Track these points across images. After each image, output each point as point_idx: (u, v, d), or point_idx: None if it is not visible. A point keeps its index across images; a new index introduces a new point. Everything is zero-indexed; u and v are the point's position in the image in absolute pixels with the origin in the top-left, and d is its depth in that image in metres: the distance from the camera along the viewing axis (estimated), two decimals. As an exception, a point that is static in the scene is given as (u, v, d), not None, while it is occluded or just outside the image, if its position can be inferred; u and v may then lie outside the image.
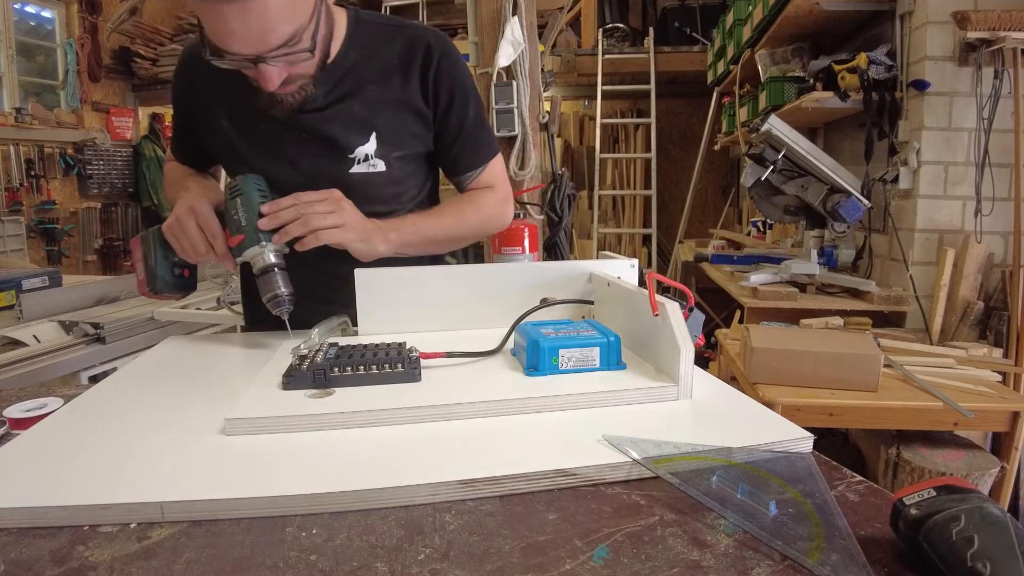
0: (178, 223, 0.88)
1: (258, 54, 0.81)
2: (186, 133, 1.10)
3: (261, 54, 0.81)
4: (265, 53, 0.81)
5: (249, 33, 0.78)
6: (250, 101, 0.93)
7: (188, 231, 0.88)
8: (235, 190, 0.88)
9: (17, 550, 0.45)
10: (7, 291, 2.53)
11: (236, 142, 1.01)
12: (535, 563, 0.43)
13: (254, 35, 0.79)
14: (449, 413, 0.64)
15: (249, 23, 0.77)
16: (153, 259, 0.94)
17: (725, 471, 0.54)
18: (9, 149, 5.13)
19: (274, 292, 0.86)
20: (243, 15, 0.76)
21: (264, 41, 0.79)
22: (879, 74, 2.40)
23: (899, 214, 2.42)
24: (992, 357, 2.00)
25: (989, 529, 0.39)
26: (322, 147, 0.99)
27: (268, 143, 0.99)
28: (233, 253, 0.89)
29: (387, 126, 1.01)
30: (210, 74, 0.94)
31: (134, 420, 0.66)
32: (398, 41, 1.00)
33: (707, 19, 5.26)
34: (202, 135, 1.06)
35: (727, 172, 5.95)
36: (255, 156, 1.00)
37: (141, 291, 0.96)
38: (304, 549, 0.45)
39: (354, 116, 0.99)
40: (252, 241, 0.86)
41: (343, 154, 0.99)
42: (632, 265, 0.96)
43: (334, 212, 0.87)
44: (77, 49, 5.66)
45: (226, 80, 0.93)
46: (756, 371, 1.71)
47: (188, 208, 0.88)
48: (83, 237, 5.91)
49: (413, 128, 1.03)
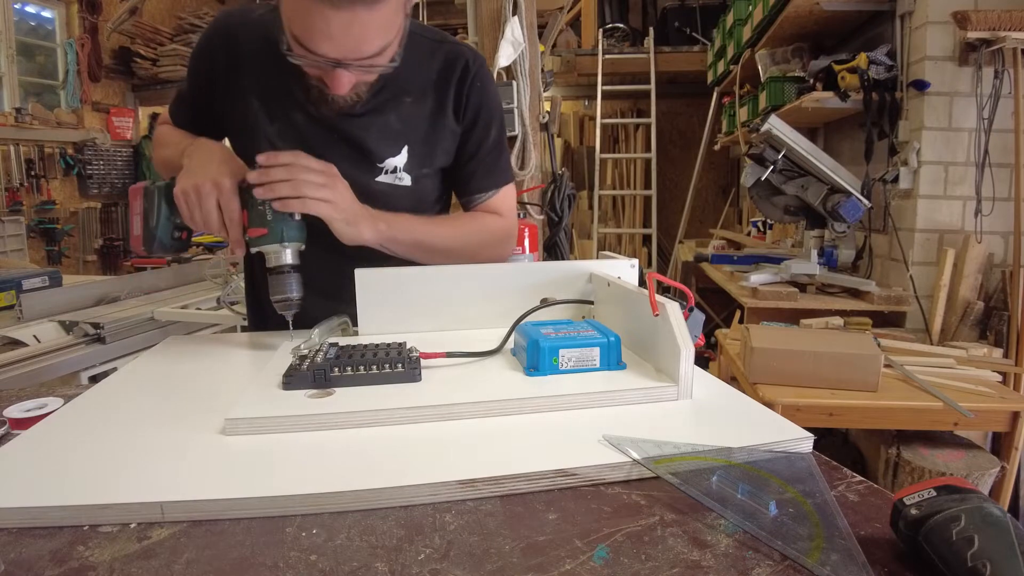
0: (196, 193, 0.84)
1: (346, 60, 0.81)
2: (198, 100, 1.05)
3: (348, 61, 0.81)
4: (352, 61, 0.81)
5: (347, 40, 0.79)
6: (288, 90, 0.93)
7: (205, 206, 0.84)
8: None
9: (17, 550, 0.45)
10: (7, 291, 2.53)
11: (264, 128, 0.98)
12: (535, 563, 0.43)
13: (351, 43, 0.79)
14: (449, 413, 0.64)
15: (351, 31, 0.78)
16: (155, 218, 0.88)
17: (725, 471, 0.54)
18: (9, 149, 5.13)
19: (287, 295, 0.85)
20: (348, 24, 0.77)
21: (357, 50, 0.80)
22: (879, 74, 2.40)
23: (899, 214, 2.42)
24: (992, 357, 2.00)
25: (989, 529, 0.39)
26: (352, 152, 0.98)
27: (299, 137, 0.98)
28: (248, 243, 0.86)
29: (420, 141, 1.01)
30: (250, 51, 0.94)
31: (134, 420, 0.66)
32: (438, 57, 1.01)
33: (707, 19, 5.26)
34: (221, 108, 1.02)
35: (727, 172, 5.95)
36: (282, 145, 0.97)
37: (134, 246, 0.90)
38: (304, 549, 0.45)
39: (389, 127, 0.99)
40: (274, 238, 0.84)
41: (372, 163, 1.00)
42: (632, 265, 0.96)
43: (326, 186, 0.86)
44: (77, 49, 5.66)
45: (266, 63, 0.93)
46: (756, 371, 1.71)
47: (213, 182, 0.84)
48: (83, 237, 5.92)
49: (445, 145, 1.04)
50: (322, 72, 0.85)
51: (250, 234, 0.85)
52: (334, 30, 0.77)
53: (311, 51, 0.80)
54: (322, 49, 0.79)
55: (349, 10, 0.75)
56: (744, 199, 5.02)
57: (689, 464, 0.55)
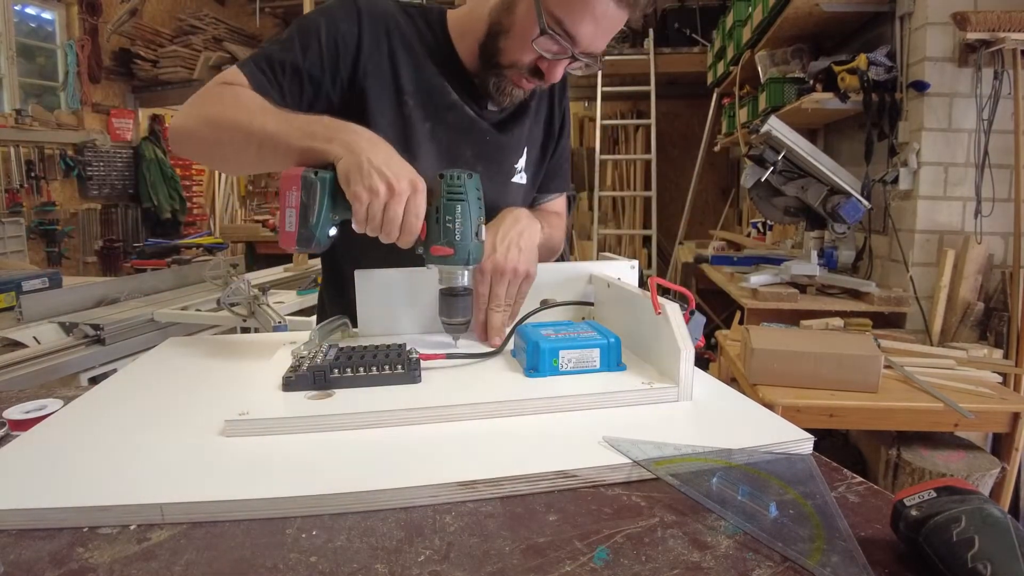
0: (389, 192, 0.70)
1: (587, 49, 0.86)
2: (318, 75, 0.90)
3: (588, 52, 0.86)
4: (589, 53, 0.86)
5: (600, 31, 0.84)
6: (443, 89, 0.96)
7: (394, 210, 0.70)
8: (457, 191, 0.74)
9: (16, 552, 0.45)
10: (7, 292, 2.53)
11: (417, 124, 0.95)
12: (535, 564, 0.43)
13: (602, 34, 0.85)
14: (449, 415, 0.64)
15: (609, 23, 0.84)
16: (316, 214, 0.73)
17: (725, 472, 0.54)
18: (9, 150, 5.14)
19: (465, 317, 0.81)
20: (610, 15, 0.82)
21: (601, 43, 0.86)
22: (879, 75, 2.40)
23: (899, 215, 2.42)
24: (992, 358, 2.00)
25: (990, 530, 0.39)
26: (497, 153, 1.02)
27: (453, 135, 0.98)
28: (424, 257, 0.77)
29: (536, 145, 1.08)
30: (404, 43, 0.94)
31: (134, 421, 0.66)
32: None
33: (707, 20, 5.26)
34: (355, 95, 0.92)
35: (727, 173, 5.95)
36: (434, 145, 0.96)
37: (286, 244, 0.75)
38: (304, 551, 0.45)
39: (522, 129, 1.04)
40: (459, 260, 0.75)
41: (512, 163, 1.04)
42: (632, 266, 0.96)
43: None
44: (77, 50, 5.67)
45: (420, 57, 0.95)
46: (756, 372, 1.71)
47: (410, 182, 0.71)
48: (83, 238, 5.92)
49: (546, 147, 1.11)
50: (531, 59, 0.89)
51: (433, 252, 0.75)
52: (599, 14, 0.82)
53: (567, 32, 0.83)
54: (581, 32, 0.83)
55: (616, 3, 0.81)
56: (744, 200, 5.02)
57: (689, 465, 0.55)
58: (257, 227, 6.52)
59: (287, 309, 2.43)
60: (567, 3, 0.81)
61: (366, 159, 0.70)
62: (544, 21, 0.82)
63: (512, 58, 0.90)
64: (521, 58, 0.89)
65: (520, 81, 0.92)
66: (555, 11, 0.82)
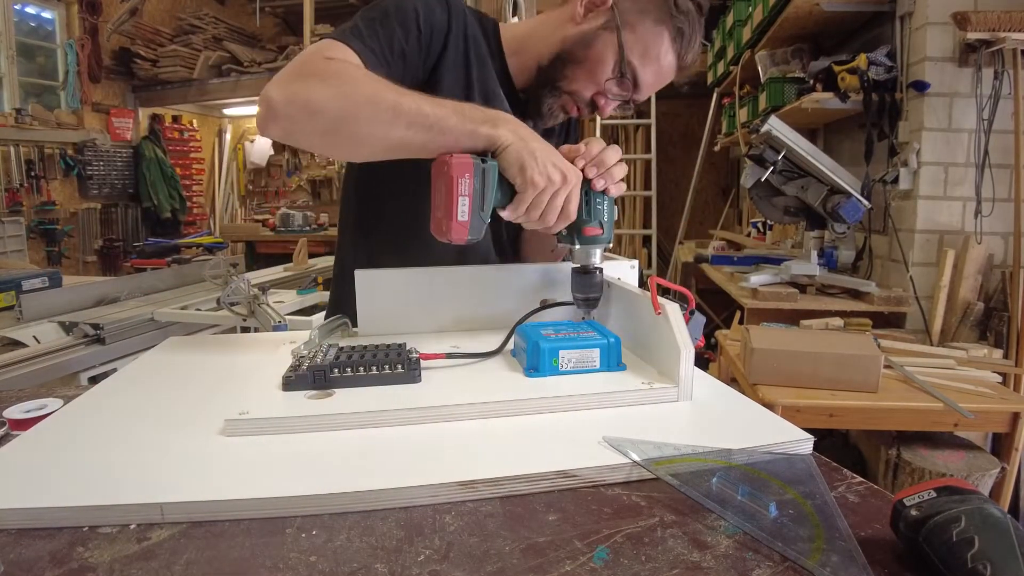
0: (563, 182, 0.73)
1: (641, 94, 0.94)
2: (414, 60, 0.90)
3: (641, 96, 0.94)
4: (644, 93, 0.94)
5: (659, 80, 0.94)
6: (499, 97, 0.99)
7: (560, 198, 0.74)
8: None
9: (16, 551, 0.45)
10: (7, 292, 2.53)
11: None
12: (535, 564, 0.43)
13: (658, 83, 0.94)
14: (449, 414, 0.64)
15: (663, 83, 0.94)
16: (484, 201, 0.73)
17: (725, 472, 0.54)
18: (9, 150, 5.14)
19: (598, 293, 0.85)
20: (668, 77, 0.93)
21: (651, 91, 0.94)
22: (879, 75, 2.40)
23: (899, 215, 2.42)
24: (992, 358, 2.00)
25: (989, 530, 0.39)
26: None
27: None
28: (565, 240, 0.82)
29: None
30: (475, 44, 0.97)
31: (134, 421, 0.66)
32: None
33: (707, 20, 5.25)
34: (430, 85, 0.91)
35: (727, 173, 5.95)
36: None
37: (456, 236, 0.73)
38: (304, 550, 0.45)
39: None
40: (605, 239, 0.82)
41: None
42: (632, 266, 0.96)
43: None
44: (77, 50, 5.67)
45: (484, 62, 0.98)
46: (756, 372, 1.71)
47: (575, 172, 0.76)
48: (83, 238, 5.93)
49: None
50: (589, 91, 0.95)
51: (586, 232, 0.80)
52: (664, 69, 0.92)
53: (635, 79, 0.92)
54: (645, 81, 0.92)
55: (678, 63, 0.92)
56: (744, 200, 5.02)
57: (689, 465, 0.55)
58: (257, 226, 6.52)
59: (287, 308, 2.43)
60: (643, 55, 0.89)
61: (537, 147, 0.74)
62: (624, 67, 0.89)
63: (575, 87, 0.96)
64: (583, 90, 0.96)
65: (573, 108, 0.98)
66: (632, 59, 0.89)
